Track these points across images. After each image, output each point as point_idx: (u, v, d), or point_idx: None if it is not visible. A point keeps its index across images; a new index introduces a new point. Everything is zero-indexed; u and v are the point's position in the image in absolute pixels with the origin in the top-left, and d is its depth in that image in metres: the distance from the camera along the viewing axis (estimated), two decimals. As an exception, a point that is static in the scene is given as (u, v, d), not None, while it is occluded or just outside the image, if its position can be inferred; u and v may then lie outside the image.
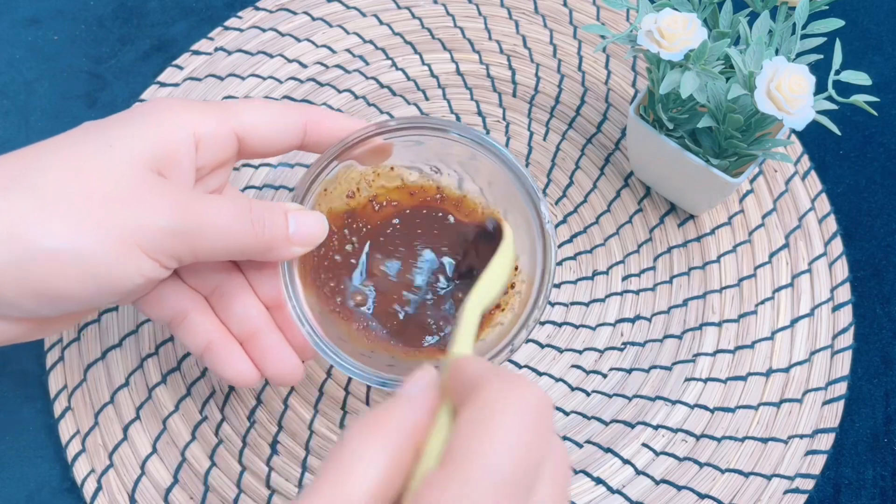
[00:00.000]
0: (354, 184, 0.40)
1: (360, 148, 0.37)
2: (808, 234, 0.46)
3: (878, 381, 0.44)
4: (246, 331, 0.35)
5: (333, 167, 0.37)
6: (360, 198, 0.40)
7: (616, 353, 0.44)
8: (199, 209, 0.31)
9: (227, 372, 0.35)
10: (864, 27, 0.52)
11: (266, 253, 0.33)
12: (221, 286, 0.35)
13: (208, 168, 0.34)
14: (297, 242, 0.34)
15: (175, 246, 0.30)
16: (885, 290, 0.46)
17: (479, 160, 0.38)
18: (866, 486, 0.42)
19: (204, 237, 0.31)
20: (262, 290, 0.36)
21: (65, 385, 0.43)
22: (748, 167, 0.40)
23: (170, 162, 0.31)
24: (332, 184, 0.38)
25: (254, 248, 0.33)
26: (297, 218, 0.34)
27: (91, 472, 0.41)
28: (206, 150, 0.33)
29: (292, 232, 0.34)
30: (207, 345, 0.35)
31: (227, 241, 0.32)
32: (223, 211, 0.31)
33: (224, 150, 0.34)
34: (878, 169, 0.49)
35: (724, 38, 0.38)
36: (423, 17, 0.52)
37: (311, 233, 0.34)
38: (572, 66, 0.50)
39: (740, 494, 0.41)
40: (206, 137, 0.32)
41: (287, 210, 0.34)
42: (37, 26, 0.52)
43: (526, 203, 0.36)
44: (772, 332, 0.44)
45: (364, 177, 0.40)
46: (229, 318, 0.35)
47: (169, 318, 0.35)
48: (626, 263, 0.46)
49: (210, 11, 0.53)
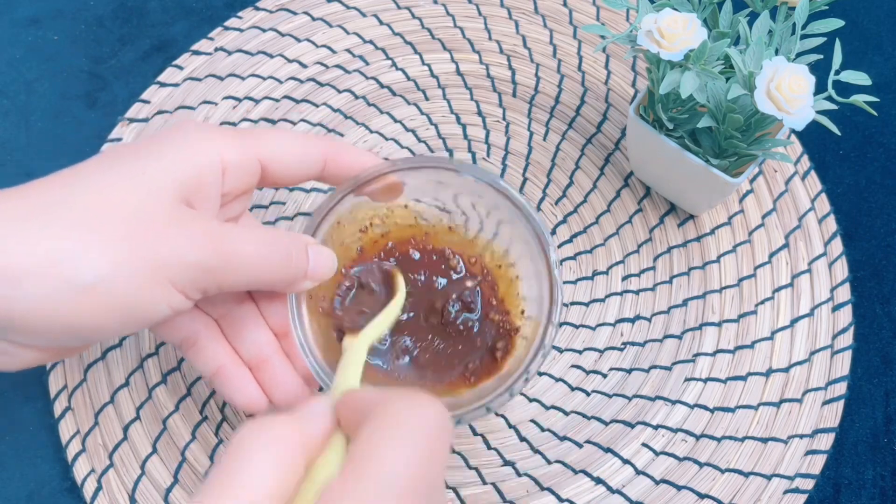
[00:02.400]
0: (368, 219, 0.40)
1: (374, 185, 0.37)
2: (808, 234, 0.46)
3: (878, 381, 0.44)
4: (256, 357, 0.35)
5: (348, 201, 0.37)
6: (373, 233, 0.40)
7: (616, 353, 0.44)
8: (228, 244, 0.31)
9: (236, 397, 0.35)
10: (864, 27, 0.52)
11: (286, 286, 0.34)
12: (233, 312, 0.35)
13: (232, 195, 0.34)
14: (312, 277, 0.34)
15: (203, 279, 0.31)
16: (885, 290, 0.46)
17: (492, 202, 0.37)
18: (866, 486, 0.42)
19: (232, 271, 0.31)
20: (271, 317, 0.36)
21: (65, 385, 0.43)
22: (748, 167, 0.40)
23: (198, 189, 0.31)
24: (347, 218, 0.38)
25: (277, 281, 0.33)
26: (315, 253, 0.34)
27: (91, 472, 0.41)
28: (231, 176, 0.33)
29: (311, 267, 0.34)
30: (218, 369, 0.35)
31: (252, 275, 0.32)
32: (250, 245, 0.32)
33: (248, 176, 0.34)
34: (878, 169, 0.49)
35: (724, 38, 0.38)
36: (423, 17, 0.52)
37: (325, 269, 0.35)
38: (572, 66, 0.50)
39: (740, 494, 0.41)
40: (233, 163, 0.33)
41: (307, 244, 0.34)
42: (37, 26, 0.52)
43: (534, 247, 0.36)
44: (772, 332, 0.44)
45: (377, 213, 0.40)
46: (240, 344, 0.35)
47: (180, 342, 0.35)
48: (626, 263, 0.46)
49: (210, 11, 0.53)
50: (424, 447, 0.23)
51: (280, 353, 0.36)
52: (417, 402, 0.24)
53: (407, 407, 0.24)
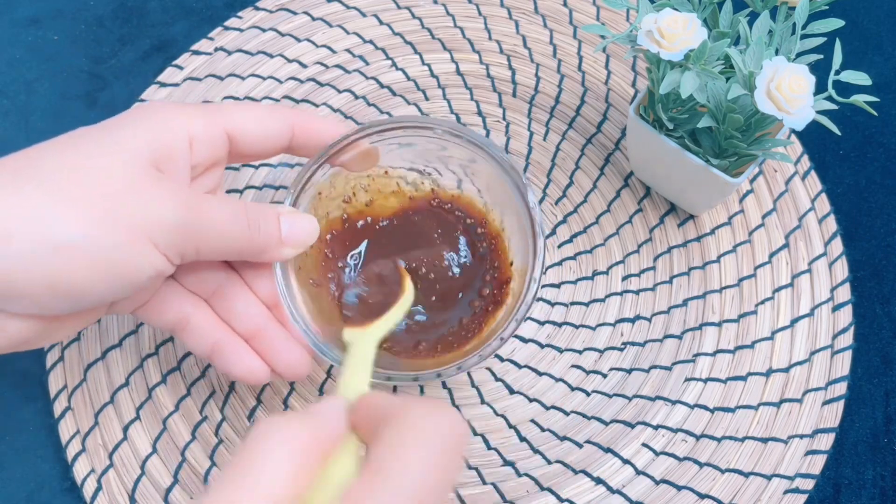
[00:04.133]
0: (350, 189, 0.40)
1: (348, 153, 0.37)
2: (808, 234, 0.46)
3: (878, 381, 0.44)
4: (250, 328, 0.35)
5: (325, 171, 0.37)
6: (357, 203, 0.40)
7: (616, 353, 0.44)
8: (200, 206, 0.31)
9: (237, 369, 0.35)
10: (864, 27, 0.52)
11: (260, 254, 0.34)
12: (221, 288, 0.36)
13: (202, 167, 0.34)
14: (290, 244, 0.35)
15: (181, 241, 0.31)
16: (885, 290, 0.46)
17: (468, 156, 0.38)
18: (866, 486, 0.42)
19: (204, 234, 0.32)
20: (259, 288, 0.36)
21: (65, 385, 0.43)
22: (748, 167, 0.40)
23: (167, 160, 0.32)
24: (328, 188, 0.38)
25: (248, 249, 0.33)
26: (289, 220, 0.35)
27: (91, 472, 0.41)
28: (199, 148, 0.33)
29: (285, 234, 0.34)
30: (214, 345, 0.35)
31: (225, 241, 0.32)
32: (221, 210, 0.32)
33: (216, 148, 0.34)
34: (878, 169, 0.49)
35: (724, 38, 0.38)
36: (423, 17, 0.52)
37: (302, 235, 0.35)
38: (572, 66, 0.50)
39: (740, 494, 0.41)
40: (199, 136, 0.33)
41: (280, 213, 0.35)
42: (37, 26, 0.52)
43: (517, 199, 0.37)
44: (772, 332, 0.44)
45: (359, 181, 0.40)
46: (232, 317, 0.36)
47: (172, 324, 0.35)
48: (626, 263, 0.46)
49: (210, 11, 0.53)
50: (443, 454, 0.24)
51: (274, 322, 0.36)
52: (437, 410, 0.24)
53: (427, 415, 0.24)
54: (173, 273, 0.34)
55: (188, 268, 0.35)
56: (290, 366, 0.36)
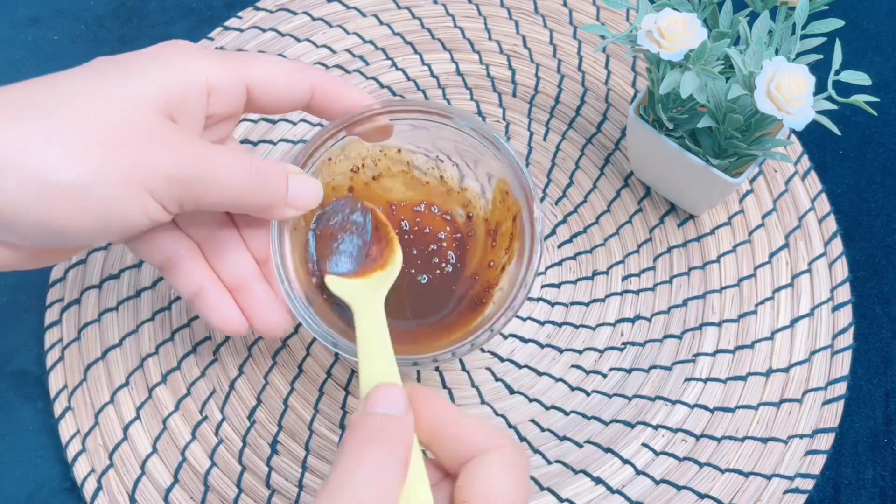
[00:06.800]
0: (360, 159, 0.40)
1: (366, 125, 0.37)
2: (808, 234, 0.46)
3: (878, 381, 0.44)
4: (237, 281, 0.36)
5: (340, 138, 0.37)
6: (364, 175, 0.40)
7: (616, 353, 0.44)
8: (205, 159, 0.31)
9: (215, 318, 0.35)
10: (864, 27, 0.52)
11: (263, 210, 0.34)
12: (214, 235, 0.36)
13: (217, 118, 0.34)
14: (293, 205, 0.34)
15: (179, 192, 0.31)
16: (885, 290, 0.46)
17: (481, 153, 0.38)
18: (866, 486, 0.42)
19: (206, 187, 0.31)
20: (253, 245, 0.36)
21: (65, 385, 0.43)
22: (748, 167, 0.40)
23: (181, 107, 0.32)
24: (338, 154, 0.38)
25: (252, 203, 0.33)
26: (296, 181, 0.34)
27: (91, 472, 0.41)
28: (217, 98, 0.33)
29: (290, 194, 0.34)
30: (198, 291, 0.35)
31: (228, 194, 0.32)
32: (228, 163, 0.32)
33: (234, 100, 0.34)
34: (878, 169, 0.49)
35: (724, 38, 0.38)
36: (423, 17, 0.52)
37: (307, 198, 0.35)
38: (572, 66, 0.50)
39: (740, 494, 0.41)
40: (219, 85, 0.33)
41: (288, 172, 0.34)
42: (37, 26, 0.52)
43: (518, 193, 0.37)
44: (772, 332, 0.44)
45: (371, 154, 0.40)
46: (221, 267, 0.36)
47: (161, 262, 0.35)
48: (626, 263, 0.46)
49: (210, 11, 0.53)
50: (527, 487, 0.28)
51: (261, 279, 0.36)
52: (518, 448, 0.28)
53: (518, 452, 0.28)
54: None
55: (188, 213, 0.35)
56: (267, 324, 0.36)
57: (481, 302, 0.38)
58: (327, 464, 0.42)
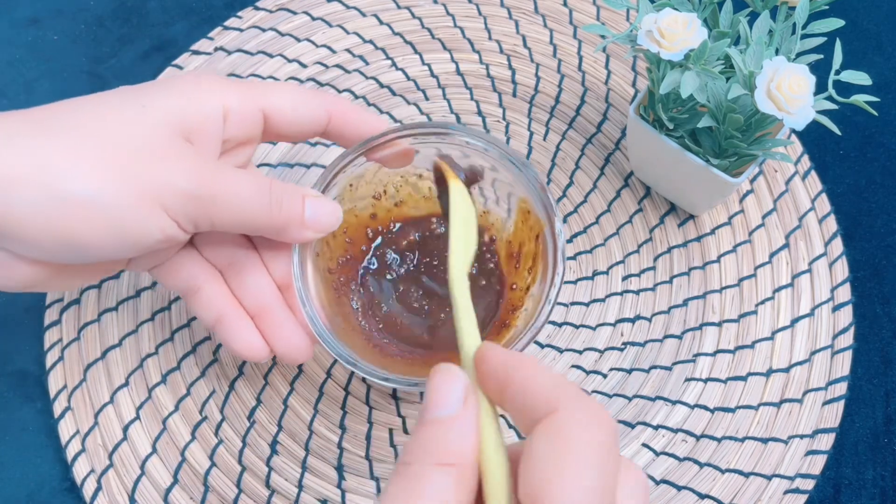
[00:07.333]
0: (382, 186, 0.40)
1: (386, 150, 0.37)
2: (808, 234, 0.46)
3: (878, 381, 0.44)
4: (258, 306, 0.36)
5: (359, 164, 0.37)
6: (386, 202, 0.40)
7: (616, 353, 0.44)
8: (220, 179, 0.32)
9: (237, 344, 0.35)
10: (864, 27, 0.52)
11: (279, 233, 0.34)
12: (236, 261, 0.36)
13: (234, 142, 0.34)
14: (311, 228, 0.35)
15: (193, 210, 0.31)
16: (885, 290, 0.46)
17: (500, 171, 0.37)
18: (866, 486, 0.42)
19: (221, 206, 0.32)
20: (275, 269, 0.36)
21: (65, 385, 0.43)
22: (748, 167, 0.40)
23: (198, 130, 0.32)
24: (359, 181, 0.38)
25: (267, 224, 0.33)
26: (313, 204, 0.35)
27: (91, 472, 0.41)
28: (233, 123, 0.34)
29: (308, 217, 0.34)
30: (219, 317, 0.35)
31: (242, 213, 0.32)
32: (243, 184, 0.32)
33: (250, 126, 0.34)
34: (878, 169, 0.49)
35: (724, 38, 0.38)
36: (423, 17, 0.52)
37: (325, 220, 0.35)
38: (572, 66, 0.50)
39: (740, 494, 0.41)
40: (234, 111, 0.33)
41: (305, 195, 0.34)
42: (37, 26, 0.52)
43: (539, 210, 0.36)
44: (772, 332, 0.44)
45: (392, 181, 0.40)
46: (242, 292, 0.36)
47: (184, 289, 0.36)
48: (626, 263, 0.46)
49: (210, 11, 0.53)
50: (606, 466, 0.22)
51: (282, 304, 0.36)
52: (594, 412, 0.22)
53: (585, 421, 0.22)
54: (193, 241, 0.35)
55: (207, 238, 0.35)
56: (289, 349, 0.36)
57: (505, 324, 0.38)
58: (327, 464, 0.42)
